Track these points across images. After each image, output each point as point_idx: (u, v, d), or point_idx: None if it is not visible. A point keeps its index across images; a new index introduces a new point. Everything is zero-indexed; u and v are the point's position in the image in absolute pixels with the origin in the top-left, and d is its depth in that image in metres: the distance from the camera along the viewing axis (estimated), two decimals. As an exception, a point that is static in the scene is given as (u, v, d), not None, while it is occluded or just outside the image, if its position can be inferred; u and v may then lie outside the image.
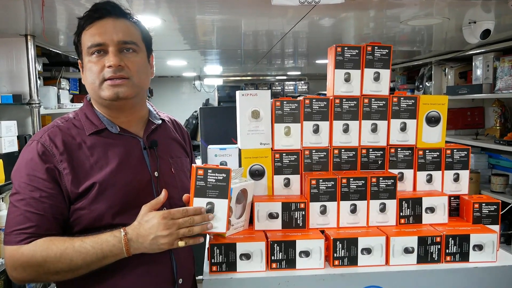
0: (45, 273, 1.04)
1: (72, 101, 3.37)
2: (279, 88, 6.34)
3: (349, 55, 1.43)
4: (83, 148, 1.12)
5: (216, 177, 1.12)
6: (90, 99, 1.23)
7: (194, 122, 6.34)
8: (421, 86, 4.03)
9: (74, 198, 1.09)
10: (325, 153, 1.45)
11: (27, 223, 1.04)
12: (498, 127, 3.14)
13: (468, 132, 3.56)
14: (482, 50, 3.10)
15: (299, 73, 6.27)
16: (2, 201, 2.11)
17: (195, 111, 6.51)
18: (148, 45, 1.23)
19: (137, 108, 1.22)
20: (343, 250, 1.26)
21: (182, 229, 1.04)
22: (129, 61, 1.13)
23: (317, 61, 4.50)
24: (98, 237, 1.04)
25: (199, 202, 1.12)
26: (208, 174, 1.12)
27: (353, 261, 1.27)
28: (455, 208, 1.50)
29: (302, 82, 6.42)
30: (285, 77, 6.73)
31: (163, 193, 1.10)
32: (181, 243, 1.04)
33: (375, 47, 1.44)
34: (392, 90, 4.56)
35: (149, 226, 1.03)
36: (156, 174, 1.19)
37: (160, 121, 1.29)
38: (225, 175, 1.13)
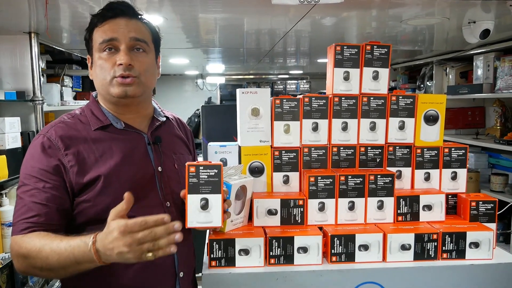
0: (32, 267, 1.01)
1: (75, 98, 3.38)
2: (281, 87, 6.35)
3: (349, 54, 1.45)
4: (88, 142, 1.14)
5: (208, 173, 1.14)
6: (96, 95, 1.25)
7: (196, 120, 6.35)
8: (422, 85, 4.03)
9: (78, 189, 1.11)
10: (324, 151, 1.46)
11: (29, 212, 1.06)
12: (498, 127, 3.15)
13: (469, 132, 3.56)
14: (483, 50, 3.10)
15: (301, 72, 6.28)
16: (6, 196, 2.13)
17: (197, 109, 6.52)
18: (157, 46, 1.26)
19: (142, 106, 1.25)
20: (340, 247, 1.28)
21: (146, 244, 0.92)
22: (138, 60, 1.16)
23: (319, 60, 4.51)
24: (73, 239, 0.98)
25: (193, 199, 1.14)
26: (200, 171, 1.14)
27: (350, 258, 1.28)
28: (453, 206, 1.51)
29: (304, 81, 6.42)
30: (287, 76, 6.73)
31: (127, 196, 0.97)
32: (149, 256, 0.93)
33: (374, 46, 1.45)
34: (393, 89, 4.57)
35: (111, 239, 0.93)
36: (159, 169, 1.21)
37: (164, 119, 1.31)
38: (216, 171, 1.15)
